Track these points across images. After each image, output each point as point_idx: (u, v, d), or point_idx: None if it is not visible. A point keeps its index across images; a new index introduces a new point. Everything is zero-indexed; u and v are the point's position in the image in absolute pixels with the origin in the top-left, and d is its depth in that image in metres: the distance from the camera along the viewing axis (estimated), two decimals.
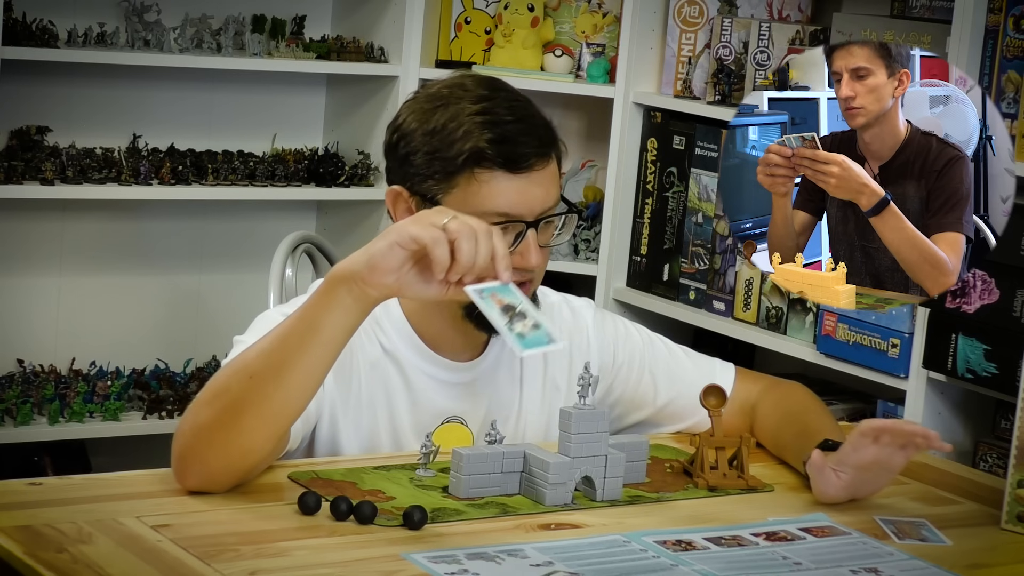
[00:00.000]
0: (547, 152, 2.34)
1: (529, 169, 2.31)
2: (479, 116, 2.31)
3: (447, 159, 2.31)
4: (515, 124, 2.32)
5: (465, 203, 2.29)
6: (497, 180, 2.30)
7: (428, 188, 2.33)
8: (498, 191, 2.30)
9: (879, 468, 2.30)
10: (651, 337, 2.64)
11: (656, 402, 2.59)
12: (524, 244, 2.31)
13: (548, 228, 2.37)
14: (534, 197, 2.32)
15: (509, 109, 2.33)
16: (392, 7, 4.37)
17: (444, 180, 2.31)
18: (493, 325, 2.03)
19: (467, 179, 2.30)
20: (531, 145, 2.31)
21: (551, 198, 2.35)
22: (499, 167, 2.30)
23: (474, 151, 2.29)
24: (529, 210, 2.32)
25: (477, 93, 2.35)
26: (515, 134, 2.31)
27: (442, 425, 2.43)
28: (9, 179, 3.97)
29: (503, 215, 2.30)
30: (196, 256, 4.52)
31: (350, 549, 1.98)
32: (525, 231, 2.31)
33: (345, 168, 4.39)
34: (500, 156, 2.29)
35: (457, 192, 2.31)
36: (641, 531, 2.13)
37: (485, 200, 2.30)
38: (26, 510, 2.03)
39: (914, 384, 3.49)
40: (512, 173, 2.30)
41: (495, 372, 2.47)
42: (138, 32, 4.14)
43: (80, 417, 4.15)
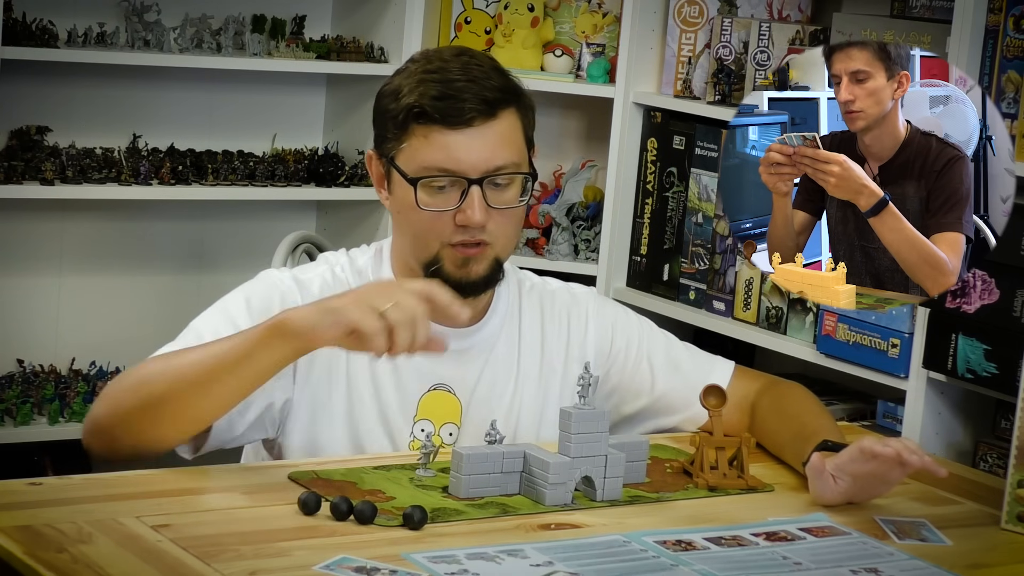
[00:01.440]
0: (491, 110, 2.35)
1: (467, 124, 2.34)
2: (430, 75, 2.36)
3: (395, 117, 2.36)
4: (462, 83, 2.35)
5: (410, 159, 2.35)
6: (436, 135, 2.34)
7: (386, 148, 2.39)
8: (437, 146, 2.34)
9: (876, 480, 2.31)
10: (652, 327, 2.65)
11: (653, 391, 2.59)
12: (467, 201, 2.34)
13: (506, 189, 2.38)
14: (475, 153, 2.34)
15: (463, 70, 2.37)
16: (392, 7, 4.37)
17: (395, 138, 2.38)
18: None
19: (410, 134, 2.36)
20: (472, 102, 2.34)
21: (499, 157, 2.36)
22: (437, 122, 2.33)
23: (413, 106, 2.34)
24: (471, 167, 2.34)
25: (442, 56, 2.40)
26: (457, 91, 2.34)
27: (429, 392, 2.42)
28: (9, 179, 3.97)
29: (442, 169, 2.34)
30: (196, 256, 4.52)
31: (350, 549, 1.98)
32: (468, 188, 2.33)
33: (345, 168, 4.39)
34: (437, 111, 2.33)
35: (406, 148, 2.36)
36: (641, 531, 2.13)
37: (425, 155, 2.35)
38: (26, 510, 2.03)
39: (914, 384, 3.49)
40: (450, 128, 2.34)
41: (492, 344, 2.48)
42: (138, 32, 4.14)
43: (80, 417, 4.15)
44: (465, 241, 2.36)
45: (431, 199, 2.35)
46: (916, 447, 2.27)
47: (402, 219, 2.40)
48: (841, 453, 2.30)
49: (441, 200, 2.35)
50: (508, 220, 2.39)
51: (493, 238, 2.37)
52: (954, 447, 3.51)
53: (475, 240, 2.36)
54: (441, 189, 2.35)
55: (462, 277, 2.38)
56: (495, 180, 2.35)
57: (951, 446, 3.51)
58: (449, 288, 2.29)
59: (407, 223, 2.39)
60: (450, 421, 2.44)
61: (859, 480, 2.29)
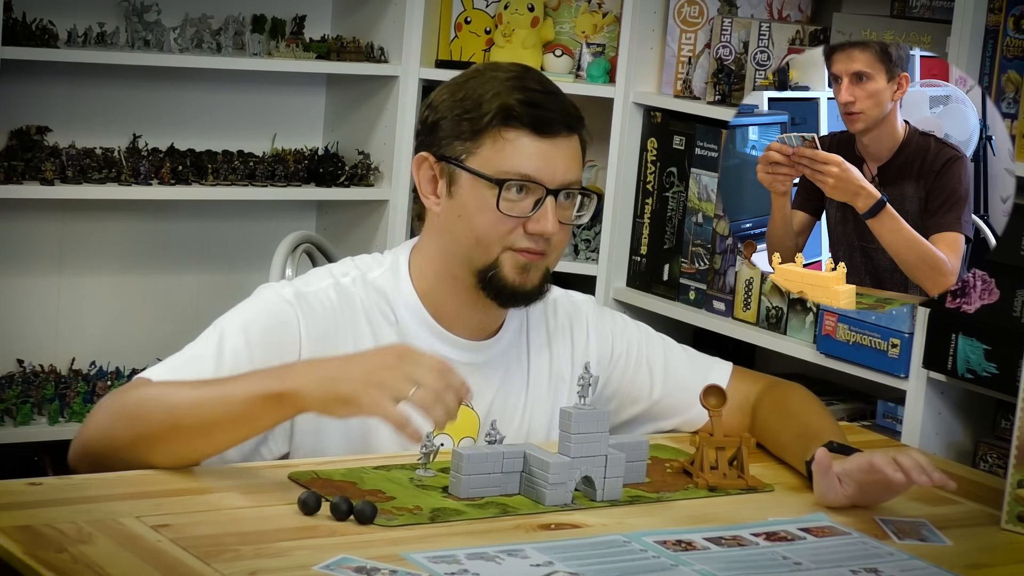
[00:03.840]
0: (572, 126, 2.37)
1: (555, 135, 2.35)
2: (510, 82, 2.37)
3: (475, 118, 2.35)
4: (544, 94, 2.37)
5: (490, 162, 2.34)
6: (523, 140, 2.34)
7: (454, 149, 2.37)
8: (523, 152, 2.34)
9: (883, 488, 2.30)
10: (649, 332, 2.65)
11: (652, 395, 2.60)
12: (542, 210, 2.35)
13: (568, 205, 2.39)
14: (557, 165, 2.35)
15: (539, 82, 2.40)
16: (392, 7, 4.37)
17: (471, 139, 2.36)
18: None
19: (493, 137, 2.35)
20: (558, 113, 2.36)
21: (573, 173, 2.37)
22: (526, 126, 2.34)
23: (503, 107, 2.34)
24: (551, 177, 2.35)
25: (509, 69, 2.41)
26: (543, 100, 2.36)
27: None
28: (9, 179, 3.97)
29: (524, 176, 2.34)
30: (196, 256, 4.52)
31: (350, 549, 1.98)
32: (545, 197, 2.34)
33: (345, 168, 4.39)
34: (528, 116, 2.34)
35: (483, 151, 2.35)
36: (641, 531, 2.13)
37: (509, 159, 2.34)
38: (26, 510, 2.03)
39: (914, 384, 3.49)
40: (538, 136, 2.34)
41: (506, 356, 2.48)
42: (138, 32, 4.14)
43: (80, 417, 4.15)
44: (530, 248, 2.36)
45: (508, 204, 2.34)
46: (927, 464, 2.26)
47: (462, 223, 2.37)
48: (850, 460, 2.30)
49: (517, 206, 2.35)
50: (566, 235, 2.42)
51: (551, 249, 2.39)
52: (954, 447, 3.51)
53: (539, 249, 2.37)
54: (518, 194, 2.34)
55: (520, 284, 2.37)
56: (566, 193, 2.37)
57: (951, 446, 3.51)
58: (503, 294, 2.35)
59: (470, 226, 2.36)
60: (467, 435, 2.44)
61: (865, 487, 2.29)
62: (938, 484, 2.26)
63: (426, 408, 2.10)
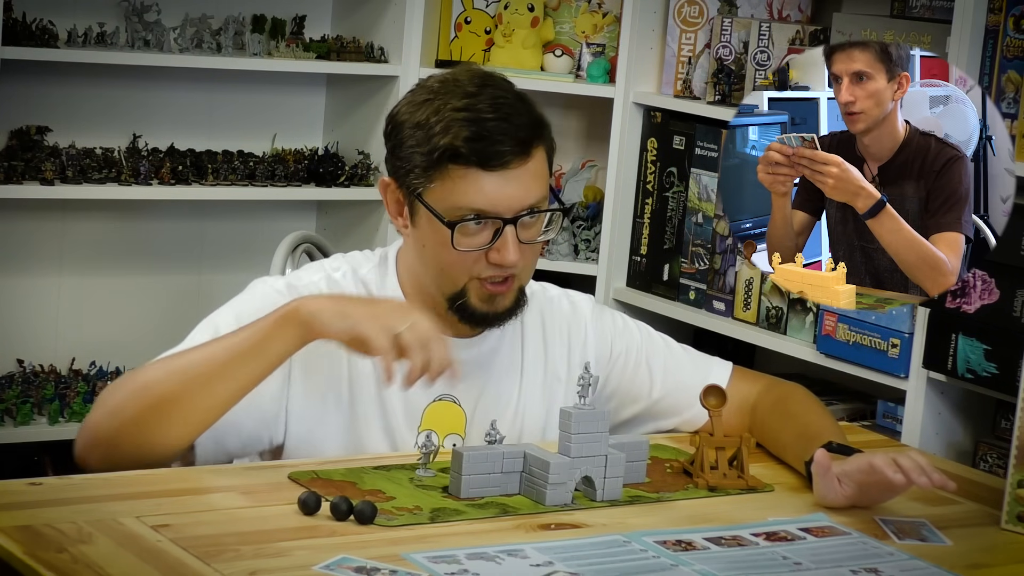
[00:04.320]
0: (525, 150, 2.34)
1: (505, 167, 2.33)
2: (460, 112, 2.33)
3: (426, 153, 2.33)
4: (495, 122, 2.33)
5: (443, 199, 2.33)
6: (472, 177, 2.32)
7: (411, 182, 2.36)
8: (474, 188, 2.32)
9: (883, 489, 2.30)
10: (649, 332, 2.65)
11: (651, 395, 2.59)
12: (501, 241, 2.33)
13: (534, 224, 2.38)
14: (510, 195, 2.33)
15: (492, 106, 2.34)
16: (392, 7, 4.37)
17: (424, 174, 2.34)
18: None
19: (443, 174, 2.33)
20: (507, 143, 2.32)
21: (531, 195, 2.35)
22: (474, 164, 2.32)
23: (449, 148, 2.32)
24: (507, 207, 2.33)
25: (466, 89, 2.36)
26: (492, 132, 2.32)
27: (433, 403, 2.42)
28: (9, 179, 3.97)
29: (478, 211, 2.33)
30: (196, 256, 4.52)
31: (350, 549, 1.98)
32: (503, 228, 2.33)
33: (345, 168, 4.39)
34: (474, 154, 2.31)
35: (436, 187, 2.34)
36: (641, 531, 2.13)
37: (460, 196, 2.33)
38: (26, 510, 2.03)
39: (914, 384, 3.49)
40: (487, 171, 2.32)
41: (496, 354, 2.48)
42: (138, 32, 4.14)
43: (80, 417, 4.15)
44: (494, 276, 2.36)
45: (465, 239, 2.33)
46: (927, 464, 2.26)
47: (427, 253, 2.38)
48: (850, 461, 2.30)
49: (474, 239, 2.34)
50: (534, 252, 2.40)
51: (520, 270, 2.38)
52: (954, 447, 3.51)
53: (504, 275, 2.36)
54: (475, 226, 2.34)
55: (490, 310, 2.38)
56: (531, 214, 2.36)
57: (951, 446, 3.51)
58: (474, 320, 2.37)
59: (433, 258, 2.37)
60: (454, 432, 2.44)
61: (864, 488, 2.29)
62: (938, 485, 2.26)
63: (410, 348, 2.15)
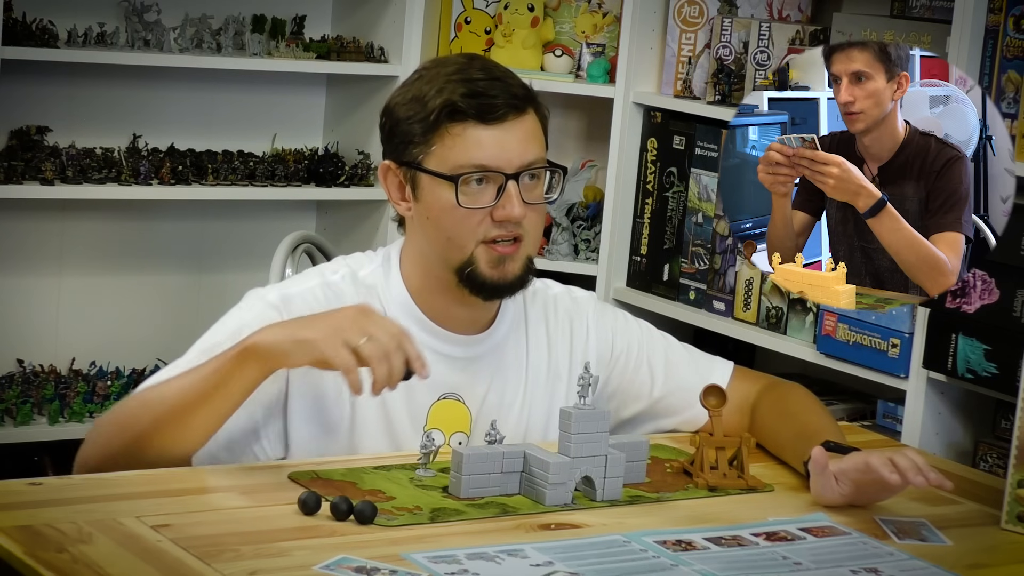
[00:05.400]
0: (521, 106, 2.37)
1: (502, 119, 2.35)
2: (454, 76, 2.37)
3: (424, 118, 2.36)
4: (488, 81, 2.36)
5: (444, 159, 2.34)
6: (471, 132, 2.34)
7: (411, 153, 2.38)
8: (474, 143, 2.34)
9: (880, 487, 2.30)
10: (651, 330, 2.65)
11: (652, 394, 2.59)
12: (505, 195, 2.35)
13: (534, 185, 2.39)
14: (511, 148, 2.35)
15: (483, 69, 2.39)
16: (392, 7, 4.37)
17: (423, 141, 2.36)
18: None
19: (442, 135, 2.35)
20: (502, 98, 2.35)
21: (530, 152, 2.37)
22: (472, 118, 2.34)
23: (446, 104, 2.34)
24: (508, 162, 2.35)
25: (455, 61, 2.41)
26: (486, 89, 2.35)
27: (438, 401, 2.42)
28: (9, 179, 3.97)
29: (480, 166, 2.34)
30: (196, 256, 4.52)
31: (350, 549, 1.98)
32: (505, 183, 2.34)
33: (345, 168, 4.39)
34: (472, 108, 2.34)
35: (436, 150, 2.35)
36: (641, 531, 2.13)
37: (462, 153, 2.34)
38: (26, 510, 2.03)
39: (914, 384, 3.49)
40: (486, 124, 2.34)
41: (501, 351, 2.48)
42: (138, 32, 4.14)
43: (80, 417, 4.15)
44: (502, 236, 2.35)
45: (469, 197, 2.34)
46: (924, 464, 2.26)
47: (432, 224, 2.38)
48: (847, 459, 2.30)
49: (479, 197, 2.35)
50: (539, 216, 2.41)
51: (527, 232, 2.38)
52: (954, 447, 3.51)
53: (512, 235, 2.36)
54: (478, 185, 2.35)
55: (499, 278, 2.37)
56: (529, 175, 2.37)
57: (951, 446, 3.51)
58: (484, 289, 2.35)
59: (439, 227, 2.37)
60: (460, 430, 2.44)
61: (861, 486, 2.29)
62: (935, 484, 2.26)
63: (371, 360, 2.15)
